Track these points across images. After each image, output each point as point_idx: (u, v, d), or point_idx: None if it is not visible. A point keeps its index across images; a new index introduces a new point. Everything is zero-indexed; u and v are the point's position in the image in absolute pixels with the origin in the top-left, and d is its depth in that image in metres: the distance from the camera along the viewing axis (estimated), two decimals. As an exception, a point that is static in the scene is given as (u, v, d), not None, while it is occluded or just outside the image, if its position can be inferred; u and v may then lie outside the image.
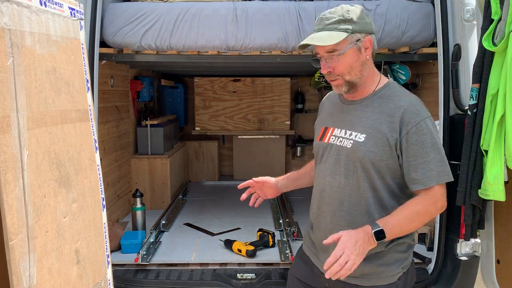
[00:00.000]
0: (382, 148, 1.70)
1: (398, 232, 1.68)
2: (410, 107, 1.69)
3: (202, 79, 5.27)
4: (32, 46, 1.66)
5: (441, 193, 1.70)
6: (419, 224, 1.70)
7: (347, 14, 1.69)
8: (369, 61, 1.77)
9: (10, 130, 1.48)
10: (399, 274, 1.78)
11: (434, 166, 1.66)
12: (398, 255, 1.77)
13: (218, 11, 2.83)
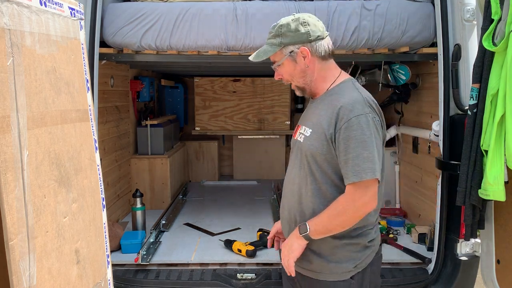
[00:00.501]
0: (321, 142, 1.79)
1: (323, 230, 1.78)
2: (347, 104, 1.76)
3: (202, 79, 5.27)
4: (32, 46, 1.66)
5: (362, 190, 1.72)
6: (344, 223, 1.76)
7: (279, 29, 1.85)
8: (312, 67, 1.87)
9: (10, 130, 1.48)
10: (352, 273, 1.83)
11: (359, 162, 1.70)
12: (351, 254, 1.83)
13: (218, 11, 2.83)
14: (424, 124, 3.35)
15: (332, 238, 1.81)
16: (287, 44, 1.84)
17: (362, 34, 2.84)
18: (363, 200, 1.73)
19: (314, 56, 1.86)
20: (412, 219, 3.64)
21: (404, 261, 2.89)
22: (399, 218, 3.63)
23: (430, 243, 2.98)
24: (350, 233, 1.82)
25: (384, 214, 3.77)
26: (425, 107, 3.40)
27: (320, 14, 2.82)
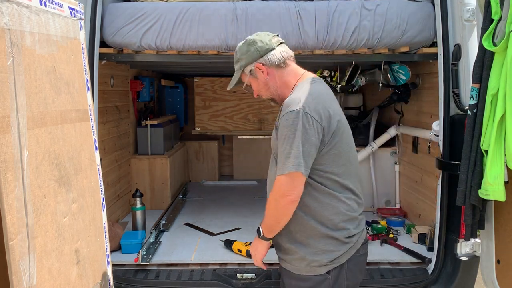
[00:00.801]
0: (275, 139, 1.95)
1: (269, 228, 1.99)
2: (288, 101, 1.90)
3: (202, 79, 5.27)
4: (32, 46, 1.66)
5: (280, 184, 1.82)
6: (275, 217, 1.92)
7: (236, 55, 2.11)
8: (272, 77, 2.04)
9: (10, 130, 1.48)
10: (328, 267, 1.90)
11: (284, 157, 1.82)
12: (327, 248, 1.90)
13: (218, 11, 2.83)
14: (424, 124, 3.35)
15: (310, 231, 1.90)
16: (245, 65, 2.06)
17: (362, 34, 2.84)
18: (281, 193, 1.82)
19: (269, 67, 2.02)
20: (412, 219, 3.64)
21: (404, 261, 2.89)
22: (399, 218, 3.63)
23: (430, 243, 2.98)
24: (327, 227, 1.90)
25: (384, 214, 3.78)
26: (425, 107, 3.40)
27: (320, 14, 2.82)
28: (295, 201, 1.83)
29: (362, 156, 4.03)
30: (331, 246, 1.90)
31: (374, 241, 3.18)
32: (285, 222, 1.90)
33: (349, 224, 1.93)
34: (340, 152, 1.93)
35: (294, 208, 1.85)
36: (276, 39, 2.09)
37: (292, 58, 2.08)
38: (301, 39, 2.84)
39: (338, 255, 1.91)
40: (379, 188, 4.07)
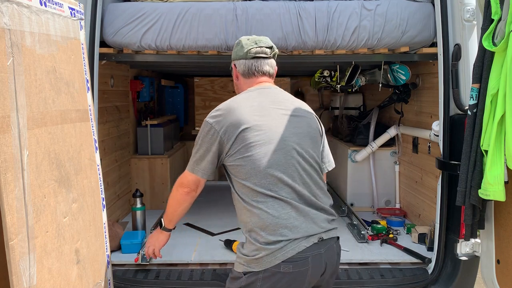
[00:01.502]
0: None
1: (167, 216, 2.18)
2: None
3: (202, 79, 5.27)
4: (32, 46, 1.66)
5: (182, 176, 2.09)
6: (171, 206, 2.15)
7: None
8: (239, 81, 2.20)
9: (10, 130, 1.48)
10: (243, 267, 1.90)
11: (191, 158, 2.07)
12: (247, 247, 1.93)
13: (218, 11, 2.83)
14: (424, 124, 3.35)
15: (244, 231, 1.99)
16: (231, 59, 2.21)
17: (362, 34, 2.84)
18: (179, 182, 2.08)
19: (238, 71, 2.16)
20: (412, 219, 3.64)
21: (404, 261, 2.89)
22: (399, 218, 3.63)
23: (430, 243, 2.98)
24: (245, 229, 1.97)
25: (384, 214, 3.78)
26: (425, 107, 3.40)
27: (320, 14, 2.83)
28: (189, 194, 2.08)
29: (362, 156, 4.03)
30: (248, 248, 1.91)
31: (374, 241, 3.18)
32: (181, 212, 2.13)
33: (264, 231, 1.86)
34: (250, 161, 1.91)
35: (188, 200, 2.10)
36: (259, 50, 2.12)
37: (265, 74, 2.14)
38: (301, 39, 2.84)
39: (250, 260, 1.88)
40: (379, 188, 4.07)
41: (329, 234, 1.97)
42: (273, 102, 2.03)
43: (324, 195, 2.03)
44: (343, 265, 2.84)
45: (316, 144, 2.06)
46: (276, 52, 2.19)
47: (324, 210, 1.98)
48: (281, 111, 2.01)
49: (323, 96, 5.63)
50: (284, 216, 1.88)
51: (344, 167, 4.22)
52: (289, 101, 2.09)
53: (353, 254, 2.98)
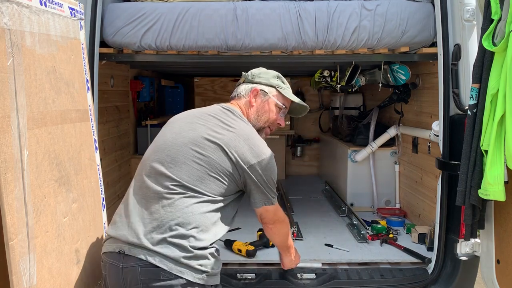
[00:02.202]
0: None
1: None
2: None
3: (202, 79, 5.26)
4: (32, 46, 1.66)
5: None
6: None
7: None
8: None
9: (10, 130, 1.48)
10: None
11: None
12: None
13: (218, 11, 2.83)
14: (424, 124, 3.35)
15: None
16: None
17: (362, 34, 2.84)
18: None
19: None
20: (412, 219, 3.64)
21: (404, 261, 2.89)
22: (399, 218, 3.63)
23: (430, 243, 2.98)
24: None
25: (384, 214, 3.78)
26: (425, 107, 3.40)
27: (320, 14, 2.82)
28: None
29: (362, 156, 4.03)
30: None
31: (374, 241, 3.18)
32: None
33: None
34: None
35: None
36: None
37: (233, 96, 2.24)
38: (301, 39, 2.84)
39: None
40: (379, 188, 4.07)
41: (139, 253, 1.72)
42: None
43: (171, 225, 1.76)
44: (343, 265, 2.84)
45: (191, 169, 1.84)
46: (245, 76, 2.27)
47: (159, 227, 1.74)
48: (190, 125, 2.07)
49: (323, 96, 5.63)
50: (115, 225, 1.85)
51: (344, 167, 4.22)
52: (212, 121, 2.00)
53: (353, 254, 2.98)
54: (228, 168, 1.88)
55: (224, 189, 1.89)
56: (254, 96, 2.14)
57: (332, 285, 2.62)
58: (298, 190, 4.81)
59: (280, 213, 2.18)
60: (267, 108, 2.15)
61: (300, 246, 3.09)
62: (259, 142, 1.98)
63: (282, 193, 4.41)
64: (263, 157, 1.94)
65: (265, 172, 1.94)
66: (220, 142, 1.88)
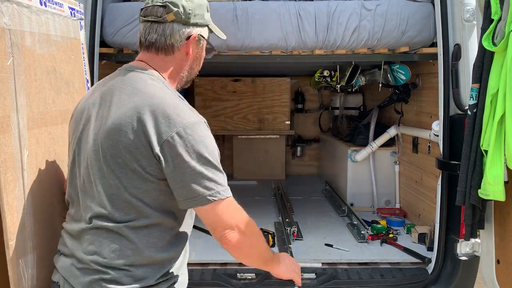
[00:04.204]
0: None
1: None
2: None
3: (202, 79, 5.26)
4: (32, 46, 1.66)
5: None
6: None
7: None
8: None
9: (10, 130, 1.48)
10: None
11: None
12: None
13: (218, 11, 2.83)
14: (424, 124, 3.35)
15: None
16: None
17: (362, 34, 2.84)
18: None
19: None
20: (412, 219, 3.64)
21: (404, 261, 2.89)
22: (399, 218, 3.63)
23: (430, 243, 2.98)
24: None
25: (384, 214, 3.78)
26: (425, 107, 3.40)
27: (320, 14, 2.83)
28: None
29: (362, 156, 4.03)
30: None
31: (374, 241, 3.18)
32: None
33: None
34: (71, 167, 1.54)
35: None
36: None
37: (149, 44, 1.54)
38: (301, 39, 2.84)
39: None
40: (379, 188, 4.07)
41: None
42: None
43: None
44: (343, 265, 2.84)
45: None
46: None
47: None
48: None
49: (323, 96, 5.63)
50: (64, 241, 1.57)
51: (344, 167, 4.22)
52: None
53: (353, 254, 2.98)
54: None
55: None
56: (191, 45, 1.56)
57: (332, 285, 2.62)
58: (298, 190, 4.81)
59: (239, 216, 1.47)
60: (201, 56, 1.67)
61: (300, 246, 3.10)
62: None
63: (282, 193, 4.41)
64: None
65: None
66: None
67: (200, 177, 1.36)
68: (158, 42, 1.52)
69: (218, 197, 1.39)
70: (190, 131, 1.36)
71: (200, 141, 1.37)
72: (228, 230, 1.43)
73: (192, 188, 1.37)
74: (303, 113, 5.65)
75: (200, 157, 1.36)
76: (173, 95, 1.46)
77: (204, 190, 1.37)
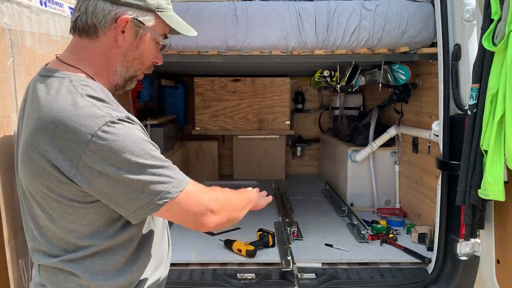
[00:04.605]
0: None
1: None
2: None
3: (202, 79, 5.26)
4: (32, 46, 1.66)
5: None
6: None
7: None
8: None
9: (10, 130, 1.48)
10: None
11: None
12: None
13: (218, 11, 2.83)
14: (424, 124, 3.35)
15: None
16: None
17: (362, 34, 2.84)
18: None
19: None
20: (412, 219, 3.64)
21: (404, 261, 2.89)
22: (399, 218, 3.63)
23: (430, 243, 2.98)
24: None
25: (384, 214, 3.78)
26: (425, 107, 3.40)
27: (320, 14, 2.83)
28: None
29: (362, 156, 4.03)
30: None
31: (374, 241, 3.18)
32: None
33: None
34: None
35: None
36: None
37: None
38: (301, 39, 2.84)
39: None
40: (379, 188, 4.07)
41: None
42: None
43: None
44: (343, 265, 2.84)
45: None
46: None
47: None
48: None
49: (323, 96, 5.63)
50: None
51: (344, 167, 4.22)
52: None
53: (353, 254, 2.98)
54: None
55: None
56: (122, 31, 1.26)
57: (332, 285, 2.62)
58: (298, 190, 4.81)
59: (205, 197, 1.30)
60: (142, 48, 1.33)
61: (300, 246, 3.10)
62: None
63: (282, 193, 4.41)
64: None
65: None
66: None
67: (138, 187, 1.14)
68: (78, 22, 1.24)
69: (169, 196, 1.19)
70: (104, 141, 1.10)
71: (122, 146, 1.11)
72: (200, 217, 1.28)
73: (135, 200, 1.16)
74: (303, 113, 5.65)
75: (129, 166, 1.12)
76: (75, 98, 1.14)
77: (150, 197, 1.16)
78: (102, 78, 1.28)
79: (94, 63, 1.27)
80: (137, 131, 1.18)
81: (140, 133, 1.19)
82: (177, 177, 1.22)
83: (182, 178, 1.23)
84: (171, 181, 1.20)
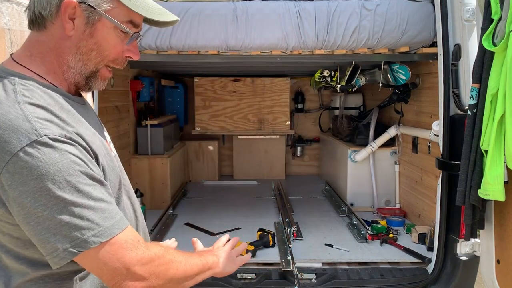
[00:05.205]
0: None
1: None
2: None
3: (202, 79, 5.27)
4: (32, 46, 1.66)
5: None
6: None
7: None
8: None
9: (10, 130, 1.48)
10: None
11: None
12: None
13: (218, 11, 2.83)
14: (424, 124, 3.36)
15: None
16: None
17: (362, 34, 2.84)
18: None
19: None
20: (412, 219, 3.64)
21: (404, 261, 2.89)
22: (399, 218, 3.63)
23: (430, 243, 2.98)
24: None
25: (384, 214, 3.78)
26: (425, 107, 3.40)
27: (320, 14, 2.83)
28: None
29: (362, 156, 4.03)
30: None
31: (374, 241, 3.18)
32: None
33: None
34: None
35: None
36: None
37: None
38: (301, 39, 2.84)
39: None
40: (379, 188, 4.07)
41: None
42: None
43: None
44: (343, 265, 2.84)
45: None
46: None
47: None
48: None
49: (323, 96, 5.63)
50: None
51: (344, 167, 4.23)
52: None
53: (353, 254, 2.98)
54: None
55: None
56: (71, 19, 1.09)
57: (332, 285, 2.62)
58: (298, 190, 4.82)
59: (132, 255, 1.05)
60: (97, 37, 1.14)
61: (300, 246, 3.10)
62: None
63: (282, 193, 4.41)
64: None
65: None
66: None
67: (52, 227, 0.97)
68: (29, 13, 1.12)
69: (85, 246, 0.98)
70: (24, 163, 0.95)
71: (42, 173, 0.95)
72: (116, 278, 1.02)
73: (46, 243, 0.98)
74: (303, 113, 5.65)
75: (47, 198, 0.96)
76: (9, 106, 0.99)
77: (63, 242, 0.98)
78: (57, 77, 1.13)
79: (46, 59, 1.12)
80: (71, 156, 0.99)
81: (75, 158, 1.00)
82: (102, 223, 1.00)
83: (110, 226, 1.02)
84: (92, 227, 0.99)
